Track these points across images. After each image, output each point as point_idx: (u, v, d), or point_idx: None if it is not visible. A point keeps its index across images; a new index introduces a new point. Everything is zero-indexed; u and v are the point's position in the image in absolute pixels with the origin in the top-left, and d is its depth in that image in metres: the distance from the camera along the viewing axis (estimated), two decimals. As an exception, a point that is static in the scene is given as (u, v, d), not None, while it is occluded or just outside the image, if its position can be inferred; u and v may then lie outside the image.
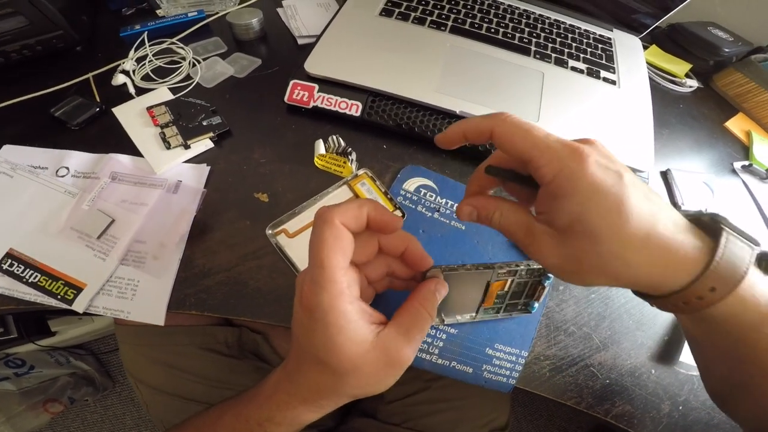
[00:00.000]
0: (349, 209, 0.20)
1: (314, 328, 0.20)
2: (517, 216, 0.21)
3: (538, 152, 0.18)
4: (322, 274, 0.19)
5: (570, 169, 0.17)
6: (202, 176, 0.32)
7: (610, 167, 0.18)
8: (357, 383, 0.21)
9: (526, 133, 0.18)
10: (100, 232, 0.29)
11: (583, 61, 0.44)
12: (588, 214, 0.17)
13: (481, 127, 0.20)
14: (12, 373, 0.68)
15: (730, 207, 0.41)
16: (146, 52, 0.38)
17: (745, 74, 0.52)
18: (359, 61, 0.37)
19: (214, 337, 0.39)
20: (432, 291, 0.23)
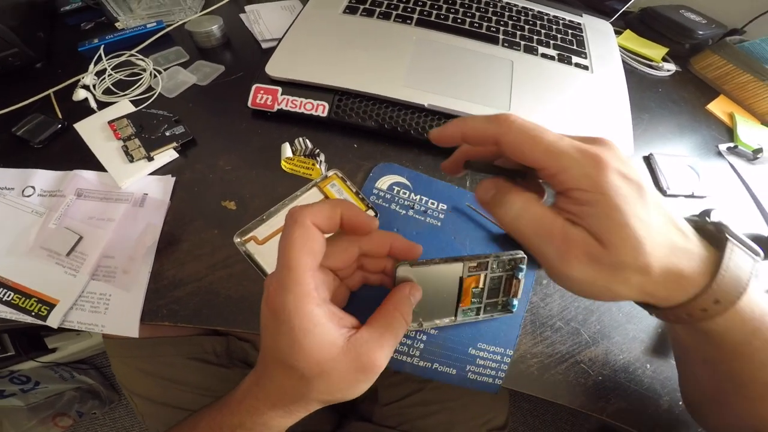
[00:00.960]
0: (322, 209, 0.21)
1: (280, 330, 0.21)
2: (545, 215, 0.19)
3: (552, 160, 0.18)
4: (288, 275, 0.20)
5: (593, 179, 0.17)
6: (167, 188, 0.34)
7: (630, 177, 0.18)
8: (326, 388, 0.22)
9: (536, 139, 0.18)
10: (68, 249, 0.31)
11: (554, 48, 0.47)
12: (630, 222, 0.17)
13: (483, 132, 0.20)
14: (18, 390, 0.74)
15: (718, 189, 0.44)
16: (105, 66, 0.40)
17: (722, 56, 0.55)
18: (323, 61, 0.39)
19: (201, 347, 0.42)
20: (405, 296, 0.24)
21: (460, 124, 0.21)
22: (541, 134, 0.18)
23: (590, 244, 0.18)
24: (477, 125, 0.20)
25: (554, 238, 0.18)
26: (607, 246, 0.17)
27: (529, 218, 0.20)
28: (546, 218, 0.19)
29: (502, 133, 0.19)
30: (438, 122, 0.39)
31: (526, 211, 0.20)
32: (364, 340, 0.21)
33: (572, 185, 0.18)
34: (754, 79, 0.53)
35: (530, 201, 0.20)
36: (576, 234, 0.18)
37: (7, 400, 0.73)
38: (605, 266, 0.18)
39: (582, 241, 0.18)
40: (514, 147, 0.19)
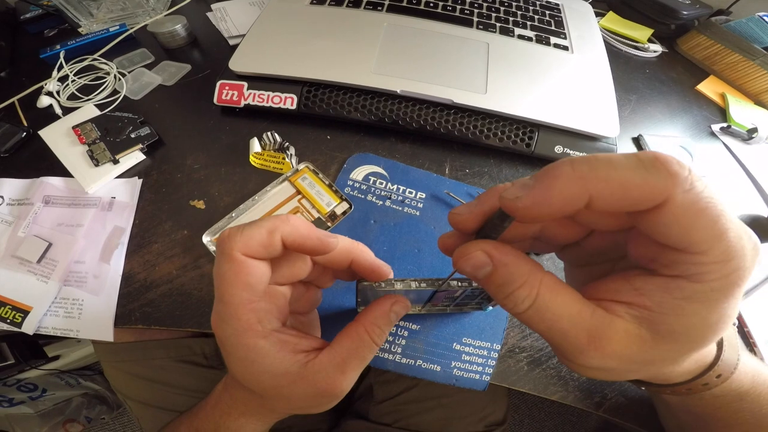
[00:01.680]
0: (254, 237, 0.19)
1: (228, 358, 0.21)
2: (568, 306, 0.15)
3: (723, 246, 0.13)
4: (225, 309, 0.20)
5: (744, 272, 0.13)
6: (135, 190, 0.36)
7: None
8: (288, 407, 0.23)
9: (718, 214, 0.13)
10: (38, 257, 0.33)
11: (531, 29, 0.48)
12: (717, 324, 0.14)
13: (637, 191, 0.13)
14: (27, 397, 0.78)
15: (713, 170, 0.45)
16: (67, 72, 0.42)
17: (710, 37, 0.57)
18: (289, 53, 0.41)
19: (190, 349, 0.44)
20: (386, 312, 0.22)
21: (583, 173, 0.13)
22: (722, 204, 0.13)
23: (632, 340, 0.15)
24: (622, 175, 0.13)
25: (578, 335, 0.15)
26: (660, 343, 0.15)
27: (544, 314, 0.15)
28: (570, 314, 0.15)
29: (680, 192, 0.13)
30: (413, 108, 0.40)
31: (542, 307, 0.15)
32: (322, 366, 0.21)
33: (712, 278, 0.13)
34: (744, 59, 0.55)
35: (549, 292, 0.15)
36: (614, 331, 0.15)
37: (17, 408, 0.78)
38: (639, 361, 0.15)
39: (622, 338, 0.15)
40: (684, 218, 0.13)
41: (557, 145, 0.41)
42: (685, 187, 0.13)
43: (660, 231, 0.14)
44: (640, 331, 0.15)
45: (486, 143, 0.40)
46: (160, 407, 0.44)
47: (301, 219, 0.21)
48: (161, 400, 0.44)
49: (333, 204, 0.36)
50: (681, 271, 0.14)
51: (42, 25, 0.48)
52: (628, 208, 0.13)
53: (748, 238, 0.14)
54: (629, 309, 0.15)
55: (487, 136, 0.40)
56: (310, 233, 0.20)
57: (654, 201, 0.13)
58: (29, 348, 0.71)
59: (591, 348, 0.15)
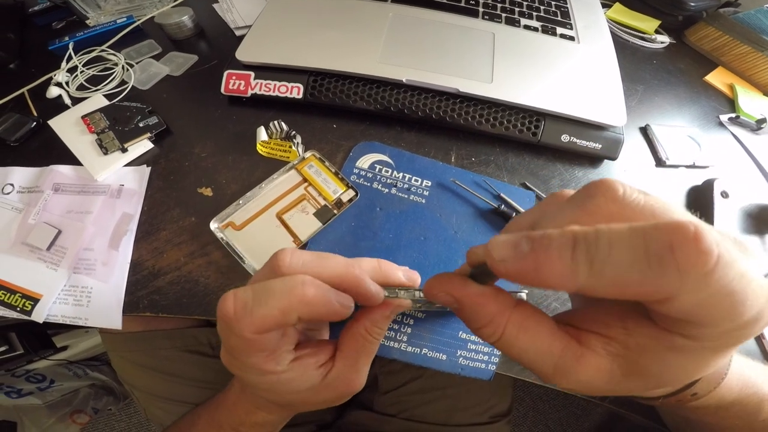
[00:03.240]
0: (267, 320, 0.18)
1: (249, 387, 0.24)
2: (537, 341, 0.15)
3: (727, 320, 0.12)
4: (241, 364, 0.20)
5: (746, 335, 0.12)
6: (143, 178, 0.36)
7: None
8: (310, 408, 0.25)
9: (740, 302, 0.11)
10: (48, 244, 0.34)
11: (537, 19, 0.48)
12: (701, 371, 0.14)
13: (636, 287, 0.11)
14: (35, 388, 0.81)
15: (721, 159, 0.45)
16: (76, 63, 0.43)
17: (718, 28, 0.57)
18: (295, 43, 0.41)
19: (195, 339, 0.44)
20: (385, 316, 0.23)
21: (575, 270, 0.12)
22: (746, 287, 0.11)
23: (601, 374, 0.15)
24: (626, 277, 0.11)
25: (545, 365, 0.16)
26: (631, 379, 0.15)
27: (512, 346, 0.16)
28: (539, 348, 0.15)
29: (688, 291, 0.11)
30: (418, 97, 0.41)
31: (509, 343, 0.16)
32: (339, 372, 0.22)
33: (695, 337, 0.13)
34: (753, 51, 0.54)
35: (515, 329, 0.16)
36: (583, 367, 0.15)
37: (25, 399, 0.79)
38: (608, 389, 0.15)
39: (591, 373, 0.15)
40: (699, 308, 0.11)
41: (563, 134, 0.41)
42: (693, 287, 0.11)
43: (663, 317, 0.13)
44: (611, 367, 0.15)
45: (492, 132, 0.41)
46: (167, 397, 0.45)
47: (316, 286, 0.18)
48: (168, 391, 0.44)
49: (339, 191, 0.36)
50: (680, 331, 0.13)
51: (50, 17, 0.49)
52: (627, 299, 0.12)
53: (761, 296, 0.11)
54: (608, 345, 0.15)
55: (493, 125, 0.41)
56: (328, 309, 0.19)
57: (656, 299, 0.12)
58: (38, 338, 0.72)
59: (557, 377, 0.15)
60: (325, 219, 0.35)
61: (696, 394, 0.21)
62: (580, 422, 0.96)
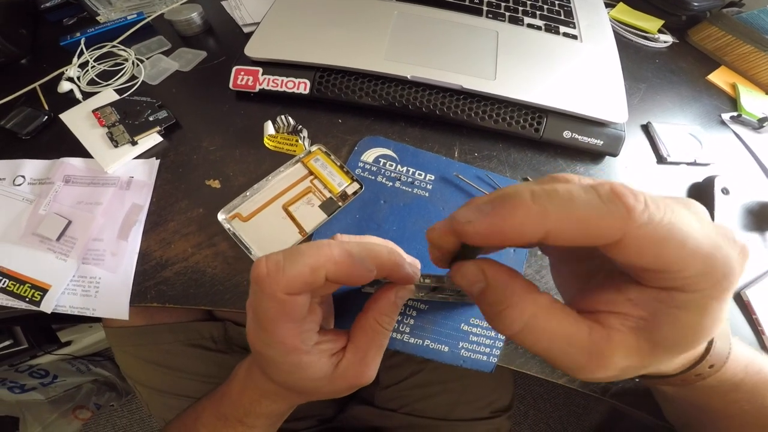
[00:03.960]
0: (298, 277, 0.18)
1: (269, 368, 0.23)
2: (564, 326, 0.15)
3: (699, 261, 0.13)
4: (269, 338, 0.21)
5: (733, 278, 0.14)
6: (152, 170, 0.37)
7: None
8: (320, 397, 0.25)
9: (685, 237, 0.13)
10: (58, 234, 0.34)
11: (540, 18, 0.49)
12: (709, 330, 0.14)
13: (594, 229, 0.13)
14: (38, 383, 0.82)
15: (722, 157, 0.46)
16: (88, 58, 0.44)
17: (721, 28, 0.58)
18: (302, 39, 0.42)
19: (198, 333, 0.45)
20: (392, 302, 0.23)
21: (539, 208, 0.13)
22: (689, 224, 0.13)
23: (632, 351, 0.15)
24: (581, 213, 0.13)
25: (577, 355, 0.15)
26: (658, 350, 0.15)
27: (539, 335, 0.15)
28: (567, 334, 0.15)
29: (636, 227, 0.13)
30: (423, 93, 0.41)
31: (536, 328, 0.15)
32: (350, 364, 0.23)
33: (699, 288, 0.14)
34: (756, 50, 0.55)
35: (542, 312, 0.15)
36: (613, 347, 0.15)
37: (28, 394, 0.80)
38: (639, 367, 0.15)
39: (622, 352, 0.15)
40: (646, 248, 0.13)
41: (566, 130, 0.41)
42: (641, 221, 0.13)
43: (627, 261, 0.14)
44: (638, 343, 0.15)
45: (495, 128, 0.41)
46: (169, 392, 0.45)
47: (342, 248, 0.19)
48: (170, 385, 0.45)
49: (344, 184, 0.37)
50: (668, 283, 0.14)
51: (61, 13, 0.50)
52: (584, 243, 0.13)
53: (732, 244, 0.14)
54: (625, 320, 0.15)
55: (496, 121, 0.41)
56: (353, 269, 0.19)
57: (611, 238, 0.13)
58: (43, 332, 0.73)
59: (592, 365, 0.15)
60: (331, 211, 0.35)
61: (713, 366, 0.21)
62: (581, 421, 0.96)
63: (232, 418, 0.29)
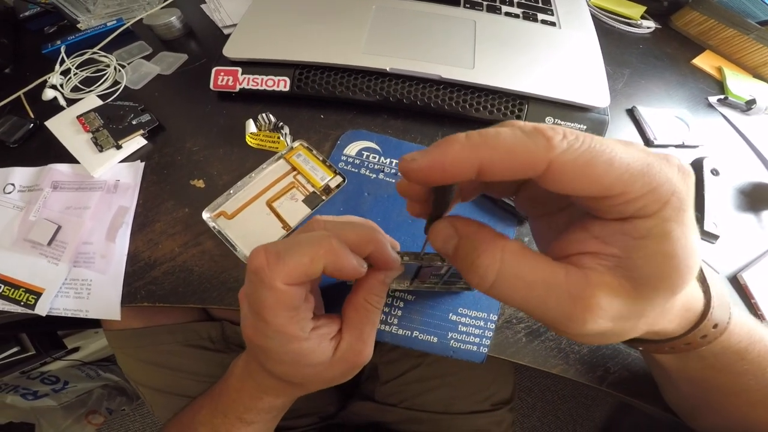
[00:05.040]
0: (297, 267, 0.19)
1: (269, 361, 0.23)
2: (538, 270, 0.15)
3: (634, 179, 0.13)
4: (266, 328, 0.21)
5: (683, 200, 0.14)
6: (137, 172, 0.38)
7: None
8: (322, 385, 0.25)
9: (611, 158, 0.13)
10: (48, 239, 0.35)
11: (518, 6, 0.49)
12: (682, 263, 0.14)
13: (522, 159, 0.14)
14: (50, 390, 0.83)
15: (710, 139, 0.46)
16: (69, 66, 0.45)
17: (703, 12, 0.58)
18: (280, 37, 0.43)
19: (196, 333, 0.46)
20: (381, 281, 0.23)
21: (474, 144, 0.14)
22: (612, 149, 0.14)
23: (615, 292, 0.14)
24: (509, 145, 0.14)
25: (559, 301, 0.15)
26: (644, 290, 0.15)
27: (514, 283, 0.15)
28: (543, 279, 0.15)
29: (559, 154, 0.13)
30: (403, 85, 0.42)
31: (510, 277, 0.15)
32: (349, 345, 0.23)
33: (652, 211, 0.14)
34: (739, 34, 0.55)
35: (513, 257, 0.15)
36: (593, 286, 0.14)
37: (41, 401, 0.81)
38: (627, 318, 0.15)
39: (604, 292, 0.14)
40: (572, 175, 0.14)
41: (548, 116, 0.42)
42: (561, 148, 0.13)
43: (563, 189, 0.14)
44: (619, 282, 0.15)
45: (476, 116, 0.42)
46: (171, 393, 0.45)
47: (339, 243, 0.20)
48: (172, 386, 0.45)
49: (327, 178, 0.37)
50: (622, 211, 0.14)
51: (42, 22, 0.51)
52: (515, 175, 0.14)
53: (667, 163, 0.14)
54: (599, 260, 0.15)
55: (477, 110, 0.42)
56: (348, 262, 0.20)
57: (538, 166, 0.14)
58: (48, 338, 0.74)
59: (579, 311, 0.14)
60: (314, 205, 0.36)
61: (717, 326, 0.20)
62: (590, 412, 0.96)
63: (230, 415, 0.29)
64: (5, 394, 0.78)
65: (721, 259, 0.36)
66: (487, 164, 0.14)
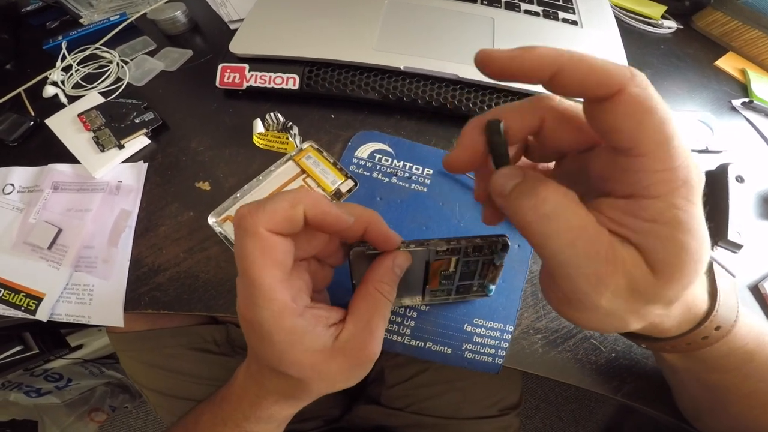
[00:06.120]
0: (277, 211, 0.19)
1: (262, 344, 0.21)
2: (590, 222, 0.15)
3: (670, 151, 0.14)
4: (257, 293, 0.19)
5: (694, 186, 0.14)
6: (140, 173, 0.36)
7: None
8: (324, 385, 0.23)
9: (666, 119, 0.14)
10: (49, 242, 0.34)
11: (537, 4, 0.47)
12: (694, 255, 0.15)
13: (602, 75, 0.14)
14: (53, 387, 0.82)
15: (735, 144, 0.44)
16: (71, 62, 0.43)
17: (726, 13, 0.56)
18: (288, 33, 0.41)
19: (201, 337, 0.45)
20: (389, 268, 0.23)
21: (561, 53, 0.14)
22: (668, 115, 0.14)
23: (640, 271, 0.15)
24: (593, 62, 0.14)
25: (597, 256, 0.15)
26: (660, 277, 0.15)
27: (567, 222, 0.15)
28: (591, 227, 0.15)
29: (634, 85, 0.14)
30: (417, 85, 0.40)
31: (566, 212, 0.15)
32: (352, 335, 0.21)
33: (665, 191, 0.14)
34: (763, 35, 0.53)
35: (572, 199, 0.15)
36: (627, 256, 0.15)
37: (45, 398, 0.81)
38: (641, 299, 0.15)
39: (632, 266, 0.15)
40: (635, 112, 0.14)
41: (567, 117, 0.40)
42: (639, 84, 0.14)
43: (612, 122, 0.14)
44: (638, 260, 0.15)
45: (493, 117, 0.40)
46: (175, 396, 0.45)
47: (318, 192, 0.20)
48: (175, 389, 0.45)
49: (338, 182, 0.36)
50: (633, 183, 0.15)
51: (44, 17, 0.49)
52: (587, 91, 0.14)
53: (691, 155, 0.14)
54: (629, 235, 0.15)
55: (494, 110, 0.40)
56: (330, 208, 0.20)
57: (610, 87, 0.14)
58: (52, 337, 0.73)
59: (607, 274, 0.15)
60: (324, 210, 0.34)
61: (719, 327, 0.20)
62: (593, 414, 0.95)
63: (230, 423, 0.27)
64: (8, 391, 0.78)
65: (744, 268, 0.35)
66: (566, 70, 0.14)
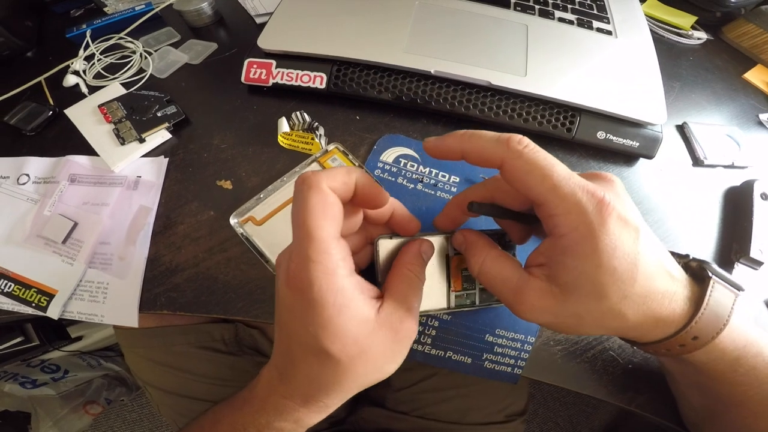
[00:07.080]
0: (338, 174, 0.21)
1: (309, 310, 0.20)
2: (503, 271, 0.22)
3: (557, 199, 0.18)
4: (312, 246, 0.19)
5: (591, 226, 0.18)
6: (161, 169, 0.35)
7: (629, 222, 0.19)
8: (363, 369, 0.21)
9: (546, 172, 0.18)
10: (63, 236, 0.32)
11: (572, 12, 0.46)
12: (603, 276, 0.18)
13: (489, 153, 0.20)
14: (49, 378, 0.81)
15: (762, 160, 0.43)
16: (94, 51, 0.42)
17: (758, 25, 0.55)
18: (318, 30, 0.39)
19: (209, 335, 0.44)
20: (416, 254, 0.25)
21: (463, 138, 0.21)
22: (551, 167, 0.19)
23: (545, 294, 0.20)
24: (483, 143, 0.20)
25: (508, 293, 0.22)
26: (568, 295, 0.20)
27: (487, 273, 0.23)
28: (499, 274, 0.22)
29: (511, 157, 0.19)
30: (447, 90, 0.39)
31: (485, 267, 0.23)
32: (394, 309, 0.22)
33: (565, 232, 0.19)
34: None
35: (488, 258, 0.23)
36: (528, 288, 0.21)
37: (39, 390, 0.80)
38: (567, 313, 0.20)
39: (534, 292, 0.20)
40: (519, 176, 0.19)
41: (599, 130, 0.38)
42: (514, 154, 0.19)
43: (513, 184, 0.20)
44: (550, 287, 0.20)
45: (525, 127, 0.38)
46: (181, 395, 0.44)
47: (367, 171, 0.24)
48: (181, 387, 0.44)
49: (364, 187, 0.34)
50: (548, 227, 0.20)
51: (68, 5, 0.48)
52: (486, 164, 0.21)
53: (589, 196, 0.18)
54: (542, 270, 0.21)
55: (526, 120, 0.38)
56: (375, 183, 0.22)
57: (494, 162, 0.20)
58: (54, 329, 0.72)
59: (516, 302, 0.21)
60: (350, 216, 0.33)
61: (697, 338, 0.21)
62: (590, 419, 0.95)
63: (251, 428, 0.25)
64: (3, 382, 0.77)
65: (763, 286, 0.35)
66: (467, 152, 0.21)
